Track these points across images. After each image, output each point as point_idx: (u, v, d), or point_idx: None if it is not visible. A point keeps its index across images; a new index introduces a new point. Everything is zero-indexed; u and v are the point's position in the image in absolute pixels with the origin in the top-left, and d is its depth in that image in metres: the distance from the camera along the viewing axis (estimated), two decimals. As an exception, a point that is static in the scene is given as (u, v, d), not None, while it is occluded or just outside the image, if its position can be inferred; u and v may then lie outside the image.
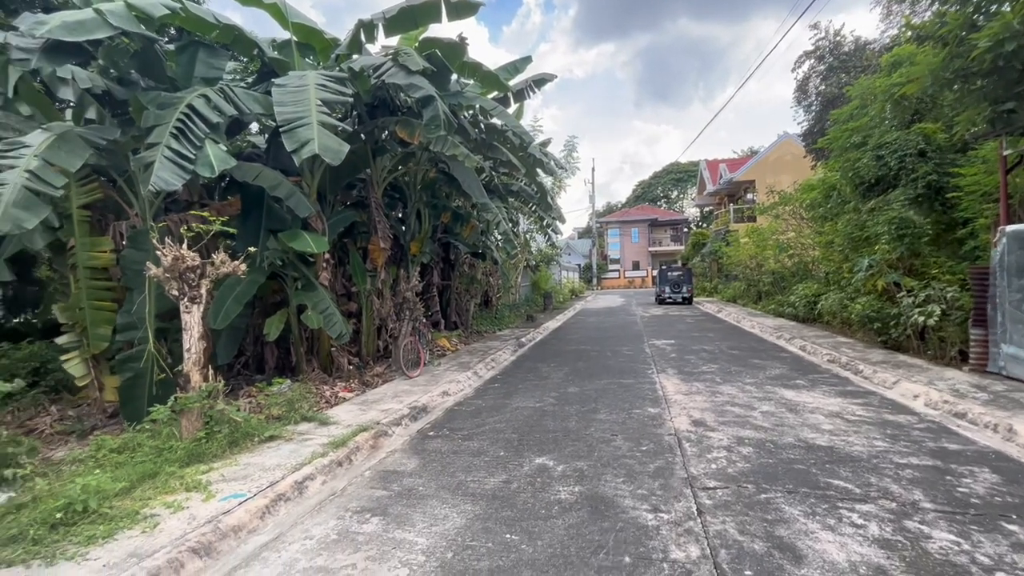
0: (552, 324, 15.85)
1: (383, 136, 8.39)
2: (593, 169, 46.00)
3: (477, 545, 3.02)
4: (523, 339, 11.90)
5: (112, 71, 6.70)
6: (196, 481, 3.76)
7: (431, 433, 5.27)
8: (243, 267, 4.85)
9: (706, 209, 46.65)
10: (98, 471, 3.73)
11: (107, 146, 5.68)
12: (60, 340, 5.93)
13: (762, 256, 17.61)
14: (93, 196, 6.16)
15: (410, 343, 7.98)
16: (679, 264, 30.56)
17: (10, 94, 5.75)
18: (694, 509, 3.38)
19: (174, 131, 5.22)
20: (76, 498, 3.18)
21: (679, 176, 62.70)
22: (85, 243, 5.93)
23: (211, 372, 4.71)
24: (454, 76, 8.36)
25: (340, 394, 6.66)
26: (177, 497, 3.55)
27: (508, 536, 3.11)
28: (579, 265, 41.64)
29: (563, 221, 11.94)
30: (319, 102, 5.64)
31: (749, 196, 29.90)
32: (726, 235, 26.34)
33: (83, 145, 5.19)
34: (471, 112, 9.23)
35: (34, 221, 4.56)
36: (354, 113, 8.13)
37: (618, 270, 49.51)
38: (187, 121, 5.34)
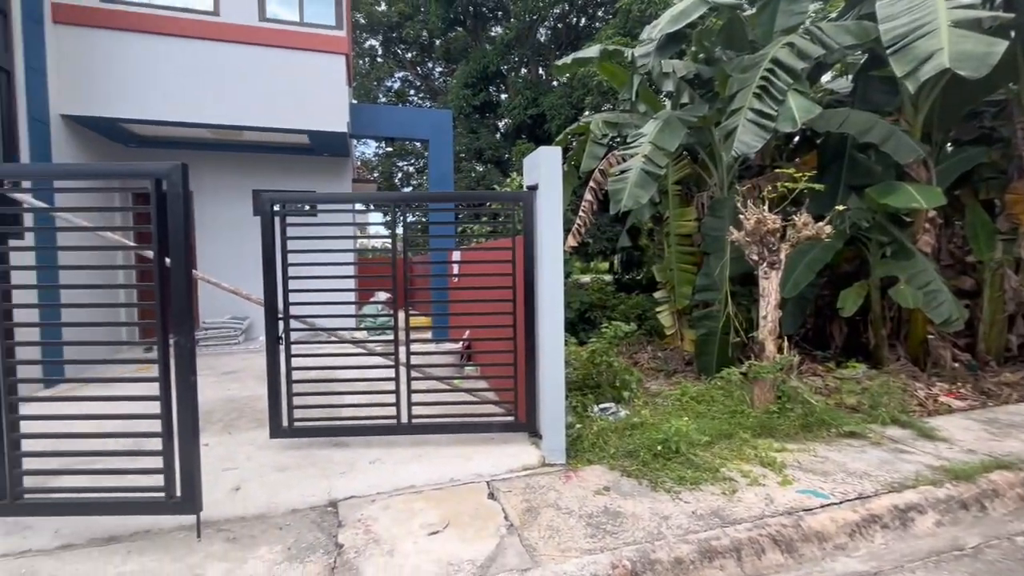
0: None
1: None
2: None
3: None
4: None
5: (700, 54, 7.34)
6: (770, 458, 3.52)
7: None
8: (828, 229, 4.18)
9: None
10: (684, 416, 4.12)
11: (695, 123, 6.25)
12: (656, 295, 7.24)
13: None
14: (683, 172, 7.05)
15: (1083, 347, 4.98)
16: None
17: (634, 98, 7.29)
18: None
19: (756, 91, 5.06)
20: (670, 437, 3.56)
21: None
22: (676, 214, 6.88)
23: (785, 343, 4.38)
24: None
25: (942, 399, 4.94)
26: (752, 468, 3.42)
27: None
28: None
29: None
30: (950, -5, 4.05)
31: None
32: None
33: (680, 126, 5.86)
34: None
35: (646, 197, 5.52)
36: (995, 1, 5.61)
37: None
38: (770, 76, 5.06)
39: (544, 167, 3.57)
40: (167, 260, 2.57)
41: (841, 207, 4.80)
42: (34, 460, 2.73)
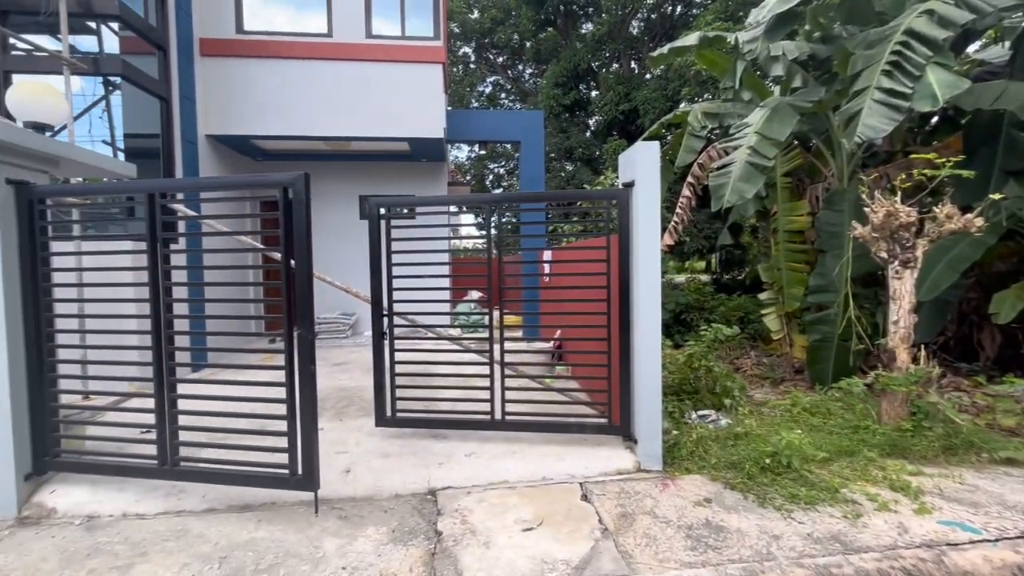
0: None
1: None
2: None
3: None
4: None
5: (815, 33, 6.69)
6: (903, 482, 3.12)
7: None
8: (979, 222, 3.60)
9: None
10: (796, 429, 3.78)
11: (810, 109, 5.71)
12: (761, 296, 6.72)
13: None
14: (794, 163, 6.47)
15: None
16: None
17: (737, 86, 6.82)
18: None
19: (886, 67, 4.51)
20: (781, 450, 3.28)
21: None
22: (785, 208, 6.33)
23: (923, 353, 3.85)
24: None
25: None
26: (880, 491, 3.05)
27: None
28: None
29: None
30: None
31: None
32: None
33: (791, 113, 5.39)
34: None
35: (751, 191, 5.15)
36: None
37: None
38: (903, 50, 4.48)
39: (641, 163, 3.46)
40: (292, 261, 2.84)
41: (996, 196, 4.11)
42: (184, 433, 3.16)
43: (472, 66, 23.21)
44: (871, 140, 4.47)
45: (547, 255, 6.67)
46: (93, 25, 6.00)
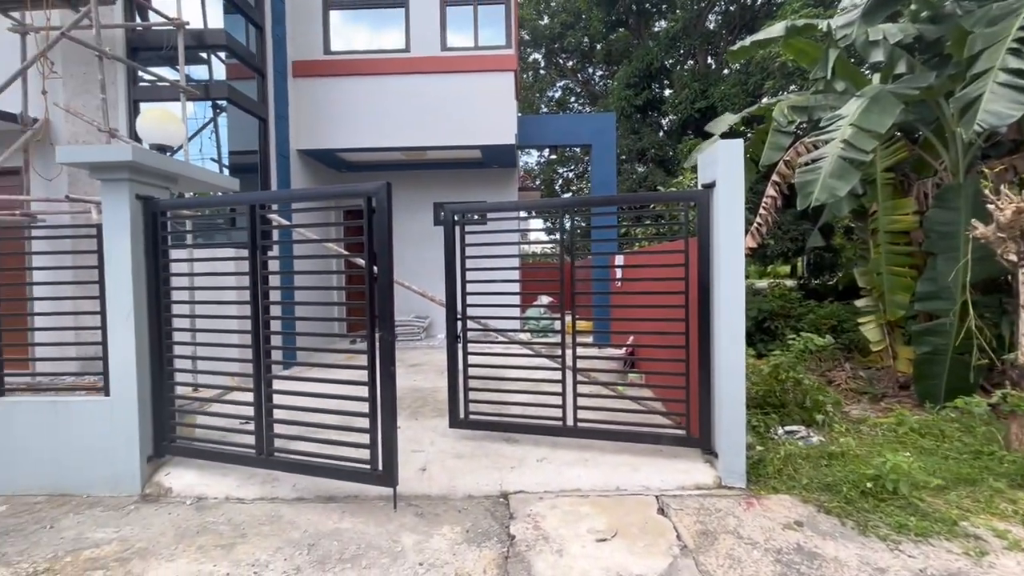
0: None
1: None
2: None
3: None
4: None
5: (922, 12, 6.05)
6: (1038, 518, 2.72)
7: None
8: None
9: None
10: (903, 451, 3.41)
11: (917, 96, 5.17)
12: (859, 303, 6.14)
13: None
14: (897, 156, 5.87)
15: None
16: None
17: (829, 76, 6.31)
18: None
19: (1013, 45, 4.00)
20: (885, 474, 2.97)
21: None
22: (887, 206, 5.75)
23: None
24: None
25: None
26: (1010, 528, 2.67)
27: None
28: None
29: None
30: None
31: None
32: None
33: (893, 102, 4.91)
34: None
35: (845, 188, 4.74)
36: None
37: None
38: (1035, 24, 3.95)
39: (724, 162, 3.29)
40: (375, 267, 2.99)
41: None
42: (277, 426, 3.41)
43: (542, 71, 23.32)
44: (994, 128, 3.95)
45: (619, 259, 6.53)
46: (204, 55, 6.70)
